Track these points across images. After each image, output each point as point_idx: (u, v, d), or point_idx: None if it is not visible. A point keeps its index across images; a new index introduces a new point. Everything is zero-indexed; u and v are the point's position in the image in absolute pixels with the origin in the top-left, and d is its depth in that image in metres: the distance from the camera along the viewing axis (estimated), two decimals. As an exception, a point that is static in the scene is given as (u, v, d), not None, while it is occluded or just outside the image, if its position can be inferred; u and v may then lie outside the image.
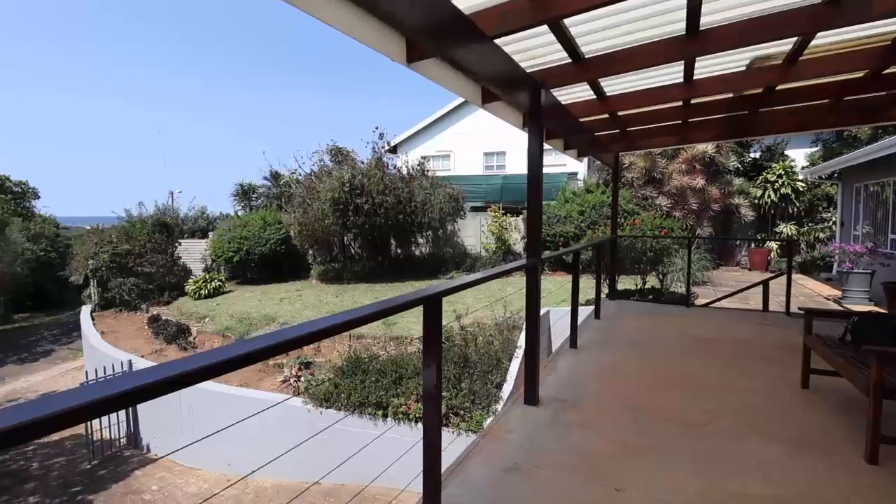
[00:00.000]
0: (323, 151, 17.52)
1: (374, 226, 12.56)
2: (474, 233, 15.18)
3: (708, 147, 13.20)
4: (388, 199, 12.24)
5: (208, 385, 7.70)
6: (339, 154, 17.87)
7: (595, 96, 3.88)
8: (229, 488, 6.82)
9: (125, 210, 19.42)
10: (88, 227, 20.73)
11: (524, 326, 7.65)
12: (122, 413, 8.79)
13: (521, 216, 14.65)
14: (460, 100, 22.52)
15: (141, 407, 8.80)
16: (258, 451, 7.27)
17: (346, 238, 14.49)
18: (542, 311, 8.22)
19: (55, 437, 9.69)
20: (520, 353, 6.85)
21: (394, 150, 21.67)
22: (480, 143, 22.36)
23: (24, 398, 13.05)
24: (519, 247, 14.48)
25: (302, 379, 7.48)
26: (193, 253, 16.29)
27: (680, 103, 4.34)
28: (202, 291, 12.89)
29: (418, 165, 14.66)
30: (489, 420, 5.76)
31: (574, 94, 3.92)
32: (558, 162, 19.87)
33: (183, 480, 7.34)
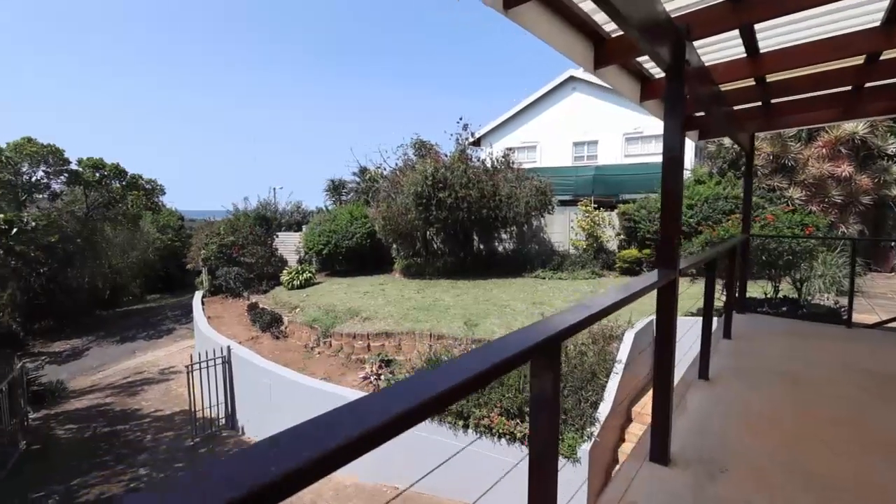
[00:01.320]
0: (407, 146, 17.57)
1: (456, 220, 12.19)
2: (562, 228, 14.17)
3: (858, 126, 10.86)
4: (471, 192, 11.78)
5: (293, 375, 7.88)
6: (423, 147, 17.80)
7: (744, 53, 2.98)
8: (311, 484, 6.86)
9: (232, 204, 21.27)
10: (204, 221, 23.14)
11: (623, 337, 6.78)
12: (222, 395, 9.38)
13: (616, 211, 13.36)
14: (547, 88, 21.39)
15: (237, 390, 9.35)
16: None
17: (428, 233, 14.32)
18: (643, 321, 7.22)
19: (167, 411, 10.70)
20: (619, 368, 6.00)
21: (477, 142, 21.20)
22: (569, 133, 21.07)
23: (148, 371, 14.76)
24: (613, 244, 13.23)
25: (382, 378, 7.31)
26: (289, 245, 17.27)
27: (862, 60, 3.25)
28: (295, 282, 13.52)
29: (503, 157, 14.00)
30: (609, 487, 5.05)
31: (716, 51, 3.06)
32: (659, 149, 18.00)
33: (270, 467, 7.55)
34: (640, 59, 3.00)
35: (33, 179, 20.59)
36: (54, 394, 12.04)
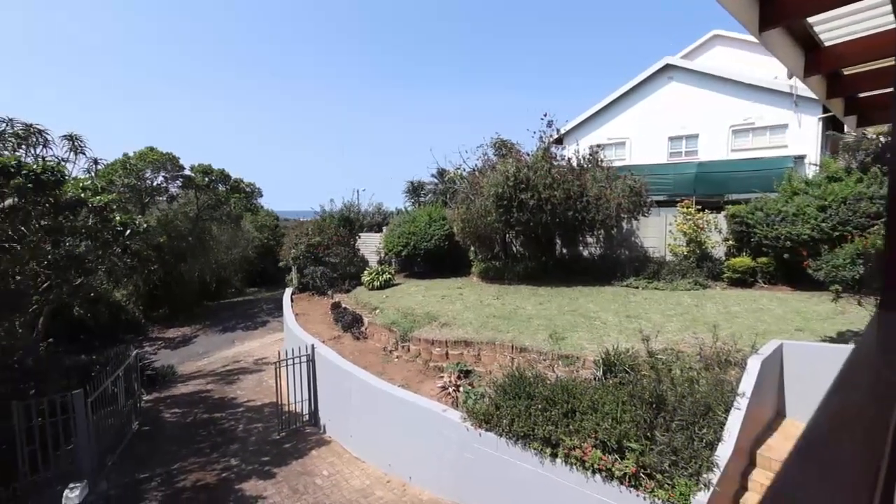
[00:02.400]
0: (487, 145, 17.13)
1: (538, 223, 11.51)
2: (657, 232, 12.86)
3: None
4: (555, 193, 11.04)
5: (372, 380, 7.81)
6: (504, 147, 17.25)
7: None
8: (388, 493, 6.72)
9: (320, 206, 22.37)
10: (295, 221, 24.68)
11: (747, 365, 5.74)
12: (306, 391, 9.66)
13: (724, 213, 11.80)
14: (639, 79, 19.75)
15: (320, 388, 9.55)
16: (416, 459, 7.08)
17: (507, 235, 13.77)
18: (770, 346, 6.10)
19: (258, 402, 11.30)
20: (742, 403, 5.05)
21: (559, 140, 20.17)
22: (664, 127, 19.28)
23: (244, 361, 15.88)
24: (719, 251, 11.70)
25: (461, 389, 6.96)
26: (370, 245, 17.68)
27: None
28: (375, 283, 13.72)
29: (590, 155, 13.02)
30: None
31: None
32: (775, 142, 15.77)
33: (349, 471, 7.55)
34: (814, 18, 2.28)
35: (154, 184, 23.26)
36: (165, 378, 13.35)
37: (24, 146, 11.28)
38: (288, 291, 16.43)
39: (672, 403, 5.28)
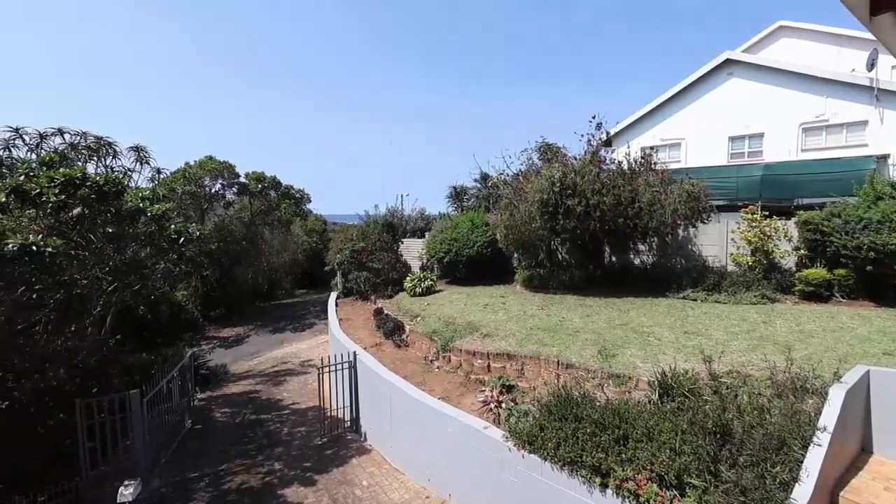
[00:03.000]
0: (532, 150, 16.75)
1: (585, 230, 10.99)
2: (718, 240, 11.96)
3: None
4: (604, 199, 10.50)
5: (412, 390, 7.68)
6: (549, 151, 16.77)
7: None
8: (426, 510, 6.54)
9: (364, 211, 22.75)
10: (341, 224, 25.27)
11: (829, 395, 5.09)
12: (348, 398, 9.70)
13: (795, 219, 10.79)
14: (694, 77, 18.67)
15: (361, 395, 9.56)
16: (456, 476, 6.85)
17: (552, 242, 13.30)
18: (855, 372, 5.39)
19: (303, 405, 11.50)
20: (823, 439, 4.46)
21: (608, 142, 19.37)
22: (724, 126, 18.09)
23: (291, 362, 16.31)
24: (789, 261, 10.70)
25: (503, 405, 6.68)
26: (413, 251, 17.71)
27: None
28: (417, 289, 13.67)
29: (642, 158, 12.32)
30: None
31: None
32: (853, 141, 14.34)
33: (388, 483, 7.45)
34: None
35: (212, 191, 24.58)
36: (217, 377, 13.93)
37: (94, 157, 12.18)
38: (333, 296, 16.75)
39: (739, 435, 4.75)
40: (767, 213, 11.31)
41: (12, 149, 11.04)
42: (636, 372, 6.43)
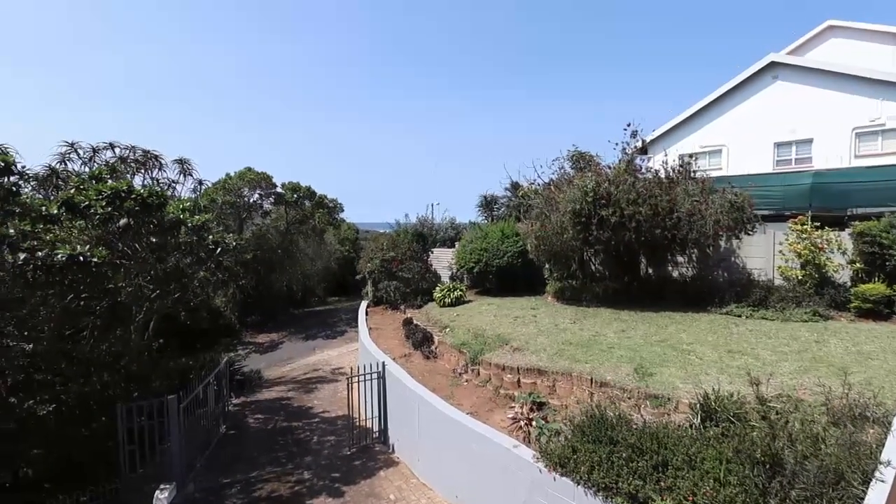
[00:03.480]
0: (563, 158, 16.48)
1: (620, 241, 10.64)
2: (763, 252, 11.33)
3: None
4: (640, 209, 10.13)
5: (440, 404, 7.57)
6: (581, 160, 16.45)
7: None
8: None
9: (395, 220, 22.98)
10: (373, 233, 25.60)
11: (893, 425, 4.65)
12: (377, 409, 9.69)
13: (849, 230, 10.09)
14: (737, 80, 17.98)
15: (390, 406, 9.53)
16: (485, 494, 6.65)
17: (585, 253, 12.95)
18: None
19: (332, 413, 11.59)
20: (887, 474, 4.05)
21: (644, 150, 18.83)
22: (769, 132, 17.29)
23: (322, 370, 16.52)
24: (844, 275, 9.99)
25: (534, 423, 6.47)
26: (442, 261, 17.69)
27: None
28: (446, 299, 13.60)
29: (681, 166, 11.86)
30: None
31: None
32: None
33: (415, 498, 7.36)
34: None
35: (251, 201, 25.42)
36: (252, 383, 14.25)
37: (142, 170, 12.83)
38: (363, 304, 16.91)
39: (791, 466, 4.39)
40: (818, 223, 10.61)
41: (68, 162, 11.80)
42: (676, 393, 6.09)
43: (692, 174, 11.58)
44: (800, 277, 10.21)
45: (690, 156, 13.05)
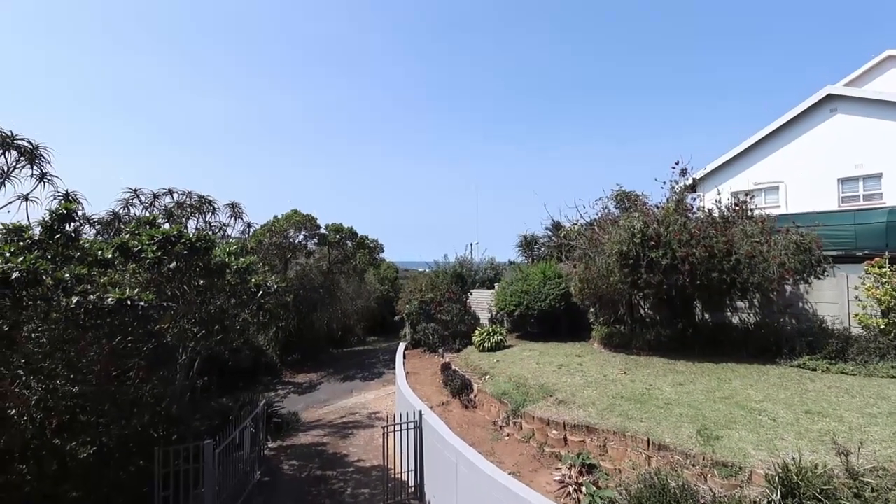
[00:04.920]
0: (607, 198, 16.01)
1: (672, 285, 9.96)
2: (836, 297, 10.27)
3: None
4: (694, 251, 9.50)
5: (480, 461, 7.05)
6: (626, 199, 15.92)
7: None
8: None
9: (434, 261, 22.95)
10: (413, 272, 25.65)
11: None
12: (413, 461, 9.21)
13: (941, 274, 8.98)
14: (792, 114, 17.18)
15: (426, 460, 9.03)
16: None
17: (634, 297, 12.24)
18: None
19: (367, 463, 11.15)
20: None
21: (693, 187, 18.08)
22: (830, 167, 16.25)
23: (359, 413, 16.17)
24: (939, 325, 8.80)
25: (583, 489, 5.84)
26: (482, 302, 17.30)
27: None
28: (486, 344, 13.13)
29: (736, 205, 11.17)
30: None
31: None
32: None
33: (452, 566, 6.73)
34: None
35: (296, 241, 26.31)
36: (289, 426, 14.09)
37: (196, 214, 13.54)
38: (401, 347, 16.66)
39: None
40: (901, 266, 9.54)
41: (130, 207, 12.64)
42: (748, 461, 5.34)
43: (749, 213, 10.85)
44: (882, 326, 9.09)
45: (746, 193, 12.31)
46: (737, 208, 10.96)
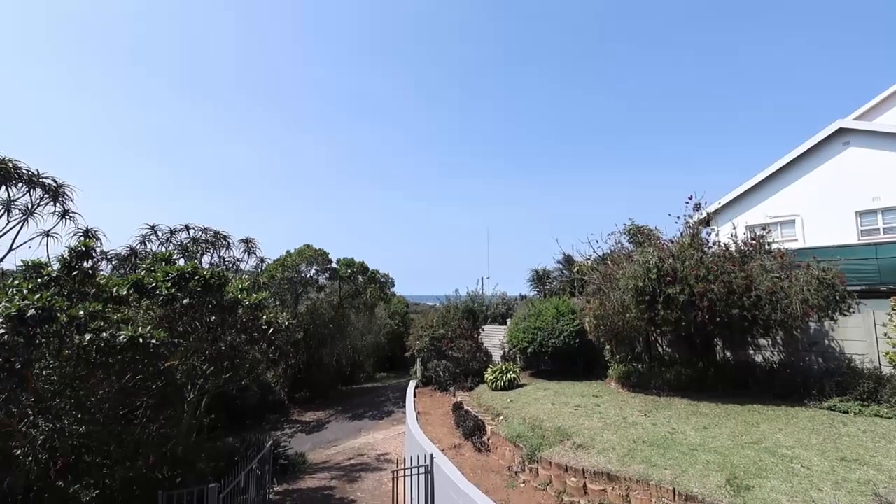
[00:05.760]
0: (620, 232, 15.89)
1: (691, 322, 9.68)
2: (864, 334, 9.86)
3: None
4: (712, 287, 9.27)
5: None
6: (640, 233, 15.79)
7: None
8: None
9: (445, 296, 22.78)
10: (424, 307, 25.39)
11: None
12: (423, 507, 8.78)
13: (975, 311, 8.60)
14: (804, 148, 17.19)
15: (437, 506, 8.61)
16: None
17: (651, 334, 11.91)
18: None
19: (376, 509, 10.64)
20: None
21: (706, 222, 17.93)
22: (847, 200, 16.07)
23: (367, 455, 15.66)
24: (979, 365, 8.35)
25: (605, 543, 5.45)
26: (494, 339, 17.00)
27: None
28: (499, 382, 12.78)
29: (752, 239, 10.98)
30: None
31: None
32: None
33: None
34: None
35: (308, 276, 26.42)
36: (295, 467, 13.65)
37: (211, 249, 13.72)
38: (412, 385, 16.29)
39: None
40: (930, 302, 9.18)
41: (148, 242, 12.88)
42: (785, 516, 4.97)
43: (767, 247, 10.64)
44: (918, 367, 8.66)
45: (762, 227, 12.13)
46: (753, 242, 10.77)
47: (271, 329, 8.25)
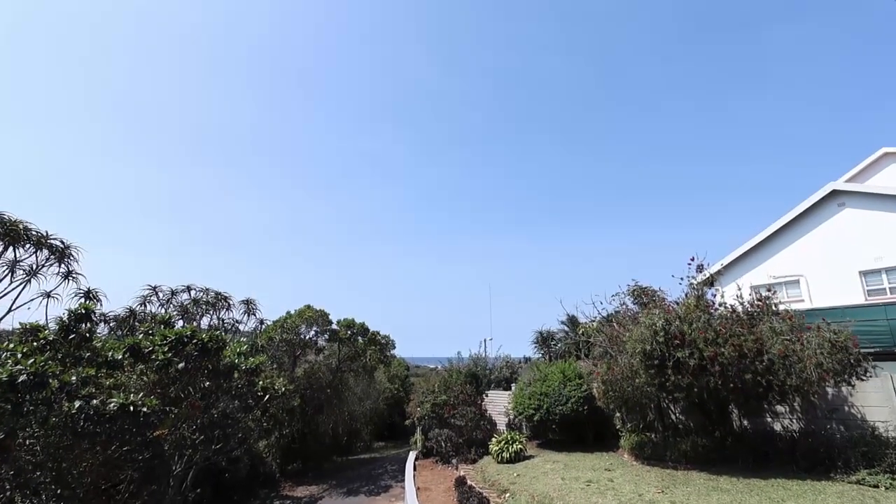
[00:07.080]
0: (624, 293, 15.80)
1: (703, 388, 9.31)
2: (884, 400, 9.45)
3: None
4: (723, 350, 9.03)
5: None
6: (644, 294, 15.69)
7: None
8: None
9: (447, 359, 22.21)
10: (425, 372, 24.59)
11: None
12: None
13: None
14: (799, 210, 17.56)
15: None
16: None
17: (662, 400, 11.43)
18: None
19: None
20: None
21: (710, 282, 17.87)
22: (849, 260, 16.13)
23: (363, 537, 14.44)
24: None
25: None
26: (498, 405, 16.32)
27: None
28: (504, 454, 12.09)
29: (759, 300, 10.85)
30: None
31: None
32: None
33: None
34: None
35: (307, 338, 25.91)
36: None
37: (211, 311, 13.57)
38: (412, 456, 15.41)
39: None
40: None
41: (148, 304, 12.77)
42: None
43: (775, 307, 10.49)
44: (947, 436, 8.19)
45: (768, 288, 12.04)
46: (760, 304, 10.64)
47: (267, 395, 7.94)
